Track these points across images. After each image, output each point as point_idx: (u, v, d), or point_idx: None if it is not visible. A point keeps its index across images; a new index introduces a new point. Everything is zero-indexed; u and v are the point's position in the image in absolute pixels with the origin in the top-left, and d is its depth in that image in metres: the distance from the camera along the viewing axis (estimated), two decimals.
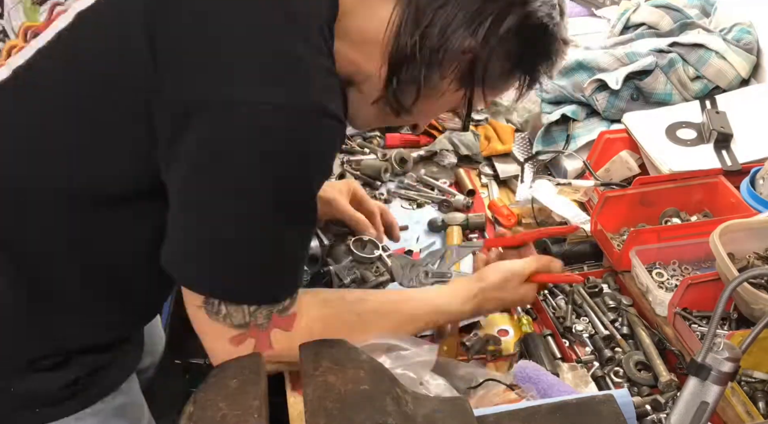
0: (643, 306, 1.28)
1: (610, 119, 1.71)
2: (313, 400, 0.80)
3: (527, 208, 1.55)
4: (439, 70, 0.97)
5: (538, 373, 1.11)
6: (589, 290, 1.34)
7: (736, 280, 0.88)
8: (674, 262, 1.33)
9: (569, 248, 1.44)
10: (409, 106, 1.01)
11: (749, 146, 1.50)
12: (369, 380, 0.83)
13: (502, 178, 1.73)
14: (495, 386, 1.11)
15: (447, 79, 0.98)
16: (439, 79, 0.98)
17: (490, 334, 1.29)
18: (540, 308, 1.32)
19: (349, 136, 1.87)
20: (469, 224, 1.55)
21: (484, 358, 1.25)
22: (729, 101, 1.63)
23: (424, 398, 0.88)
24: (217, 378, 0.88)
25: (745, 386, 1.08)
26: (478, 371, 1.18)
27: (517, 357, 1.24)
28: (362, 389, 0.82)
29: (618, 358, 1.21)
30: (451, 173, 1.75)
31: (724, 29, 1.76)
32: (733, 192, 1.39)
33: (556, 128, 1.72)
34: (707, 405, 0.81)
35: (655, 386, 1.15)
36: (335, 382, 0.83)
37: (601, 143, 1.60)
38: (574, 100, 1.74)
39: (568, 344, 1.25)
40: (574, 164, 1.62)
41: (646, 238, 1.32)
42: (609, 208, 1.41)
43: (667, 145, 1.54)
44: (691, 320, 1.18)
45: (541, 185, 1.56)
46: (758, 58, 1.72)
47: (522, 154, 1.76)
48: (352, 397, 0.80)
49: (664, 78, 1.67)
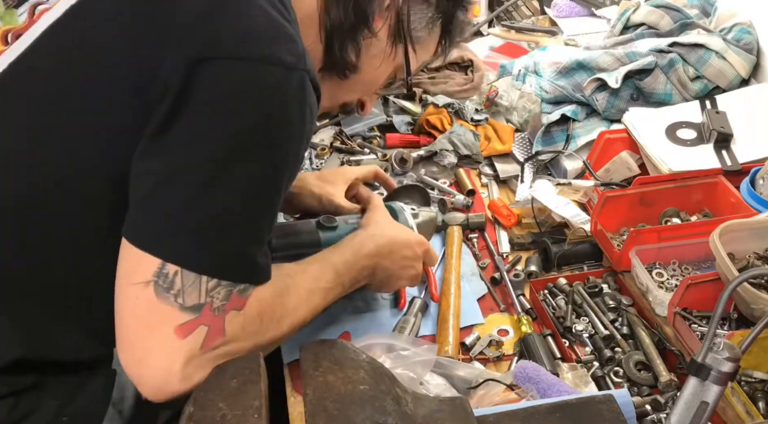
0: (643, 306, 1.28)
1: (610, 119, 1.71)
2: (313, 400, 0.80)
3: (527, 209, 1.55)
4: (370, 29, 1.05)
5: (538, 373, 1.11)
6: (589, 290, 1.34)
7: (736, 280, 0.88)
8: (674, 262, 1.33)
9: (569, 247, 1.44)
10: (352, 65, 1.07)
11: (749, 146, 1.50)
12: (369, 380, 0.83)
13: (502, 178, 1.73)
14: (495, 386, 1.11)
15: (380, 37, 1.07)
16: (374, 39, 1.06)
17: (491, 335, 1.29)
18: (540, 308, 1.32)
19: (349, 137, 1.87)
20: (469, 223, 1.55)
21: (484, 358, 1.25)
22: (729, 101, 1.63)
23: (424, 398, 0.88)
24: (217, 378, 0.88)
25: (745, 386, 1.08)
26: (478, 371, 1.18)
27: (517, 357, 1.25)
28: (362, 389, 0.82)
29: (618, 358, 1.21)
30: (451, 173, 1.75)
31: (724, 29, 1.76)
32: (733, 192, 1.39)
33: (556, 128, 1.72)
34: (707, 405, 0.81)
35: (655, 386, 1.16)
36: (335, 382, 0.82)
37: (601, 143, 1.60)
38: (574, 100, 1.74)
39: (568, 344, 1.25)
40: (574, 164, 1.62)
41: (646, 238, 1.32)
42: (609, 208, 1.41)
43: (667, 145, 1.54)
44: (691, 320, 1.18)
45: (541, 185, 1.56)
46: (758, 58, 1.72)
47: (522, 154, 1.76)
48: (352, 397, 0.80)
49: (664, 78, 1.67)
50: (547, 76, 1.80)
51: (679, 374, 1.15)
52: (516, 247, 1.51)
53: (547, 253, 1.44)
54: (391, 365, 1.09)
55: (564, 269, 1.43)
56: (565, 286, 1.36)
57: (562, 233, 1.47)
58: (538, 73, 1.84)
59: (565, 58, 1.79)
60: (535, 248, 1.50)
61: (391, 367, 1.06)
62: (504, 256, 1.49)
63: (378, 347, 1.17)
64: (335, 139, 1.88)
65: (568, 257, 1.44)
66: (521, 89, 1.85)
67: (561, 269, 1.43)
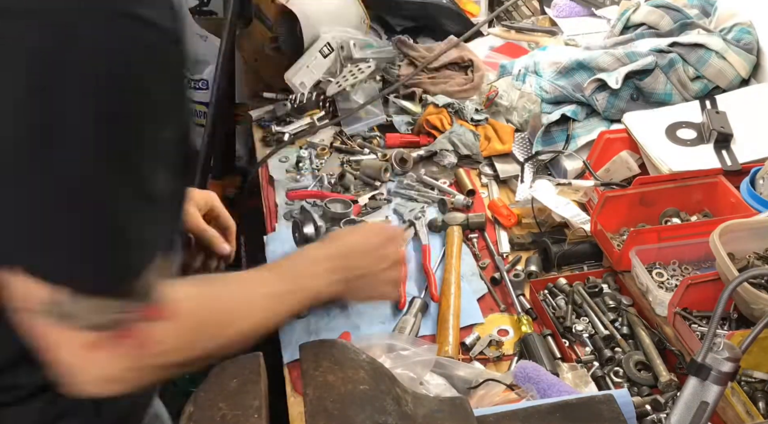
0: (643, 306, 1.28)
1: (610, 119, 1.71)
2: (313, 400, 0.80)
3: (527, 209, 1.55)
4: None
5: (538, 373, 1.11)
6: (589, 290, 1.34)
7: (736, 280, 0.88)
8: (674, 262, 1.33)
9: (569, 247, 1.44)
10: None
11: (749, 146, 1.50)
12: (369, 380, 0.83)
13: (502, 178, 1.73)
14: (495, 386, 1.11)
15: None
16: None
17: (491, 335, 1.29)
18: (540, 308, 1.32)
19: (349, 136, 1.87)
20: (469, 223, 1.55)
21: (484, 358, 1.25)
22: (729, 101, 1.63)
23: (424, 398, 0.89)
24: (217, 378, 0.88)
25: (745, 386, 1.08)
26: (478, 371, 1.18)
27: (517, 357, 1.25)
28: (362, 389, 0.82)
29: (618, 358, 1.21)
30: (451, 173, 1.75)
31: (724, 29, 1.76)
32: (733, 192, 1.39)
33: (556, 128, 1.72)
34: (707, 405, 0.81)
35: (655, 386, 1.16)
36: (335, 382, 0.83)
37: (601, 143, 1.60)
38: (574, 100, 1.74)
39: (568, 344, 1.25)
40: (574, 164, 1.62)
41: (646, 238, 1.32)
42: (609, 208, 1.41)
43: (667, 145, 1.54)
44: (691, 320, 1.18)
45: (541, 185, 1.56)
46: (758, 58, 1.72)
47: (522, 154, 1.76)
48: (352, 397, 0.80)
49: (664, 78, 1.67)
50: (547, 76, 1.80)
51: (679, 374, 1.16)
52: (516, 247, 1.51)
53: (547, 253, 1.44)
54: (391, 365, 1.10)
55: (564, 269, 1.43)
56: (565, 286, 1.36)
57: (562, 233, 1.47)
58: (538, 73, 1.84)
59: (565, 58, 1.79)
60: (535, 248, 1.50)
61: (391, 367, 1.06)
62: (504, 256, 1.49)
63: (378, 347, 1.17)
64: (335, 139, 1.88)
65: (568, 257, 1.44)
66: (521, 89, 1.84)
67: (561, 269, 1.43)
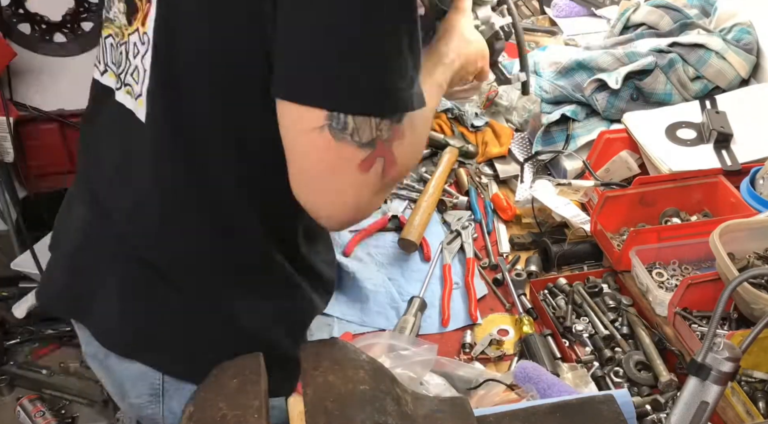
0: (643, 306, 1.28)
1: (610, 119, 1.71)
2: (313, 400, 0.80)
3: (527, 209, 1.55)
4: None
5: (538, 373, 1.11)
6: (589, 290, 1.34)
7: (736, 280, 0.88)
8: (674, 262, 1.33)
9: (569, 247, 1.44)
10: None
11: (749, 146, 1.50)
12: (369, 380, 0.83)
13: (502, 179, 1.73)
14: (495, 386, 1.12)
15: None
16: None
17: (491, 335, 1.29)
18: (540, 308, 1.32)
19: None
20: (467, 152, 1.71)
21: (484, 358, 1.25)
22: (729, 101, 1.63)
23: (424, 398, 0.88)
24: (217, 378, 0.88)
25: (745, 386, 1.08)
26: (478, 371, 1.18)
27: (518, 357, 1.25)
28: (362, 389, 0.82)
29: (618, 358, 1.21)
30: (451, 173, 1.75)
31: (724, 29, 1.76)
32: (733, 192, 1.39)
33: (556, 128, 1.72)
34: (707, 405, 0.81)
35: (655, 386, 1.16)
36: (335, 382, 0.82)
37: (601, 143, 1.60)
38: (573, 100, 1.74)
39: (568, 344, 1.25)
40: (574, 164, 1.62)
41: (646, 238, 1.32)
42: (609, 209, 1.41)
43: (667, 145, 1.54)
44: (691, 320, 1.18)
45: (541, 185, 1.55)
46: (758, 58, 1.72)
47: (522, 154, 1.76)
48: (352, 397, 0.80)
49: (664, 78, 1.67)
50: (547, 76, 1.80)
51: (679, 374, 1.16)
52: (516, 247, 1.51)
53: (547, 253, 1.44)
54: (391, 365, 1.10)
55: (564, 269, 1.44)
56: (565, 286, 1.36)
57: (562, 233, 1.47)
58: (538, 73, 1.84)
59: (565, 58, 1.79)
60: (535, 248, 1.50)
61: (391, 367, 1.06)
62: (504, 256, 1.49)
63: (378, 347, 1.17)
64: None
65: (568, 257, 1.44)
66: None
67: (561, 269, 1.43)
